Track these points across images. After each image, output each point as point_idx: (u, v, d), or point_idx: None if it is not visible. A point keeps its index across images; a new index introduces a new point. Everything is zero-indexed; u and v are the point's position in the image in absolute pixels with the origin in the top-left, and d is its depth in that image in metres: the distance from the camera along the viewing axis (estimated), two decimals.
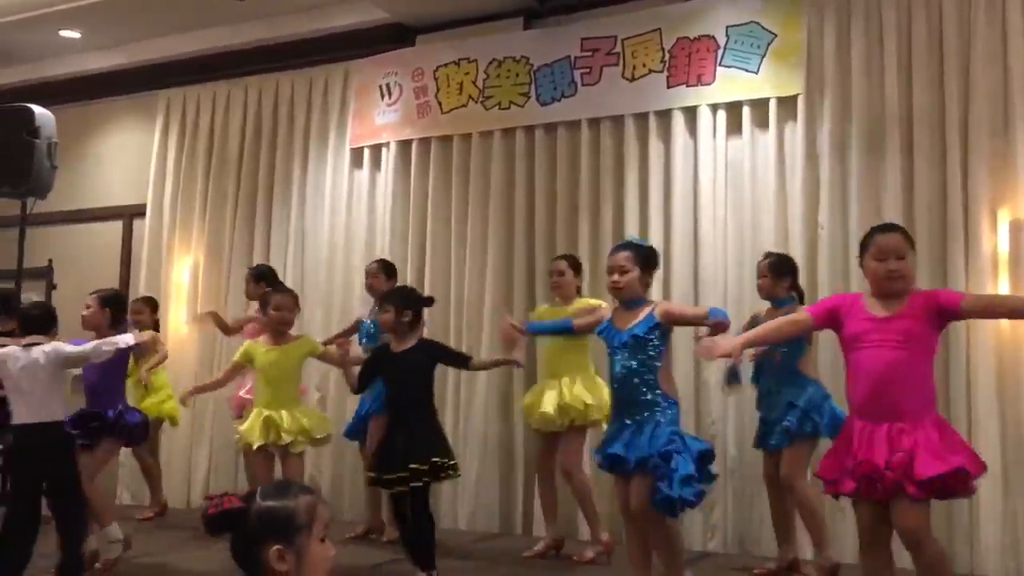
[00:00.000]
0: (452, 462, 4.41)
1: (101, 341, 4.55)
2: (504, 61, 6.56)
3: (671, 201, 5.97)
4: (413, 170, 6.83)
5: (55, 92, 8.02)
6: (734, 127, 5.86)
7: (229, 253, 7.46)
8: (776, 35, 5.75)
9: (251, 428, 4.83)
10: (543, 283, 6.22)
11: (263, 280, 6.04)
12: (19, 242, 6.78)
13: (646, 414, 3.73)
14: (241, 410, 5.69)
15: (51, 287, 8.21)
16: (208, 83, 7.75)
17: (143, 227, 7.86)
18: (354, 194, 7.07)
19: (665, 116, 6.05)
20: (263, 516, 1.84)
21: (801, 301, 4.76)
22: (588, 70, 6.28)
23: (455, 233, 6.63)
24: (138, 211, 7.95)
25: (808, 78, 5.68)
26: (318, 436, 4.96)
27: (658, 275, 5.82)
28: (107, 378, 4.90)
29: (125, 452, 7.21)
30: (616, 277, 3.91)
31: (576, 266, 5.37)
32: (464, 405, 6.34)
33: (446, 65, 6.75)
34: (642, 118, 6.13)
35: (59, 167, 6.75)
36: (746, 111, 5.82)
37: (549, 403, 5.03)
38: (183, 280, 7.60)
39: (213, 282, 7.46)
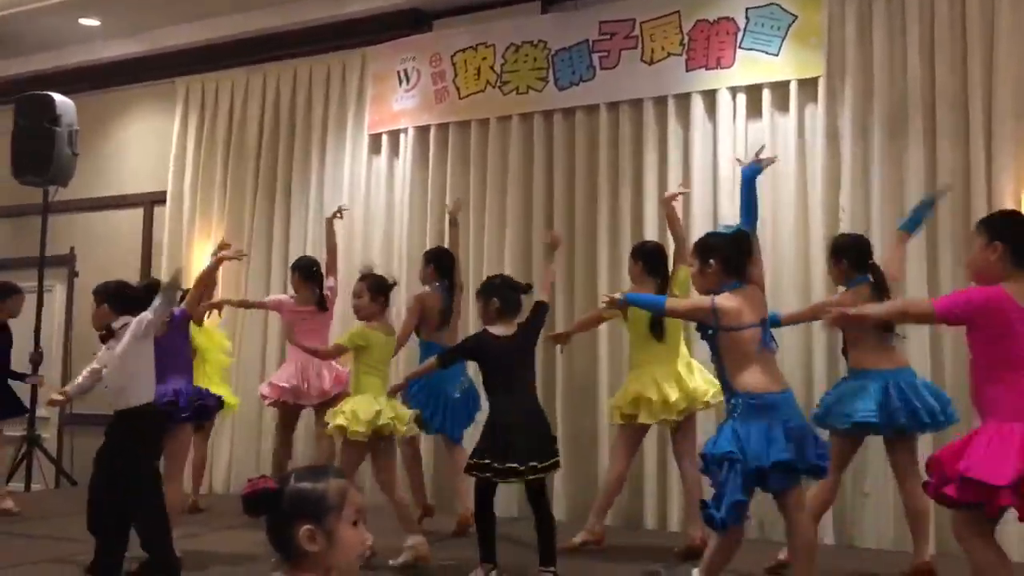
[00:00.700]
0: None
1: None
2: (522, 46, 6.53)
3: (690, 185, 5.93)
4: (431, 156, 6.82)
5: (75, 80, 8.07)
6: (754, 110, 5.81)
7: (249, 239, 7.48)
8: (797, 16, 5.69)
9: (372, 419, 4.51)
10: (562, 268, 6.22)
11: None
12: (42, 229, 6.87)
13: None
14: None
15: (73, 275, 8.28)
16: (226, 70, 7.76)
17: (163, 214, 7.90)
18: (372, 180, 7.08)
19: (684, 100, 6.01)
20: (295, 497, 1.88)
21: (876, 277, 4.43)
22: (606, 54, 6.24)
23: (473, 218, 6.62)
24: (158, 198, 7.99)
25: (829, 60, 5.62)
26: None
27: None
28: None
29: None
30: None
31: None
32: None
33: (463, 50, 6.73)
34: (661, 102, 6.09)
35: (80, 155, 6.82)
36: (766, 94, 5.77)
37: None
38: (203, 266, 7.61)
39: (233, 268, 7.46)
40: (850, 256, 4.45)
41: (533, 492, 4.23)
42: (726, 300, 3.56)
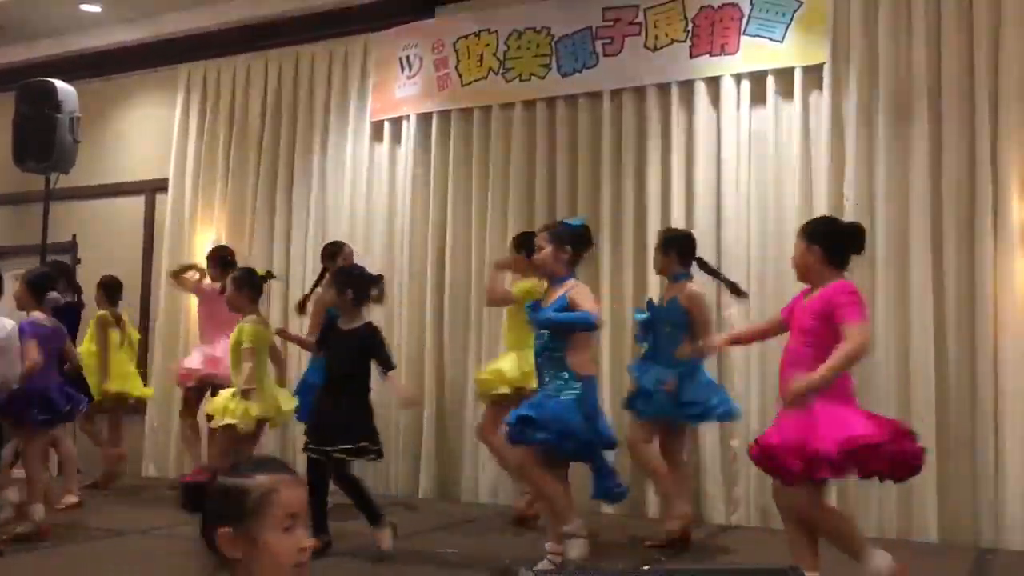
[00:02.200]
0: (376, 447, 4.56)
1: None
2: (525, 32, 6.49)
3: (694, 173, 5.90)
4: (433, 143, 6.79)
5: (77, 67, 8.03)
6: (758, 97, 5.77)
7: (251, 226, 7.47)
8: (802, 3, 5.64)
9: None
10: None
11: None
12: (43, 217, 6.83)
13: None
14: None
15: (75, 261, 8.27)
16: (228, 57, 7.73)
17: (165, 201, 7.88)
18: (374, 167, 7.05)
19: (688, 86, 5.97)
20: (217, 494, 1.66)
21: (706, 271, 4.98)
22: (610, 40, 6.20)
23: (475, 205, 6.60)
24: (160, 186, 7.97)
25: (834, 47, 5.58)
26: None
27: None
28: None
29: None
30: None
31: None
32: None
33: (466, 37, 6.69)
34: (664, 89, 6.05)
35: (81, 142, 6.78)
36: (770, 81, 5.73)
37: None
38: (205, 254, 7.61)
39: (236, 254, 7.47)
40: (679, 250, 4.82)
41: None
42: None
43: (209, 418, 5.10)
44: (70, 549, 4.78)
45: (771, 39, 5.72)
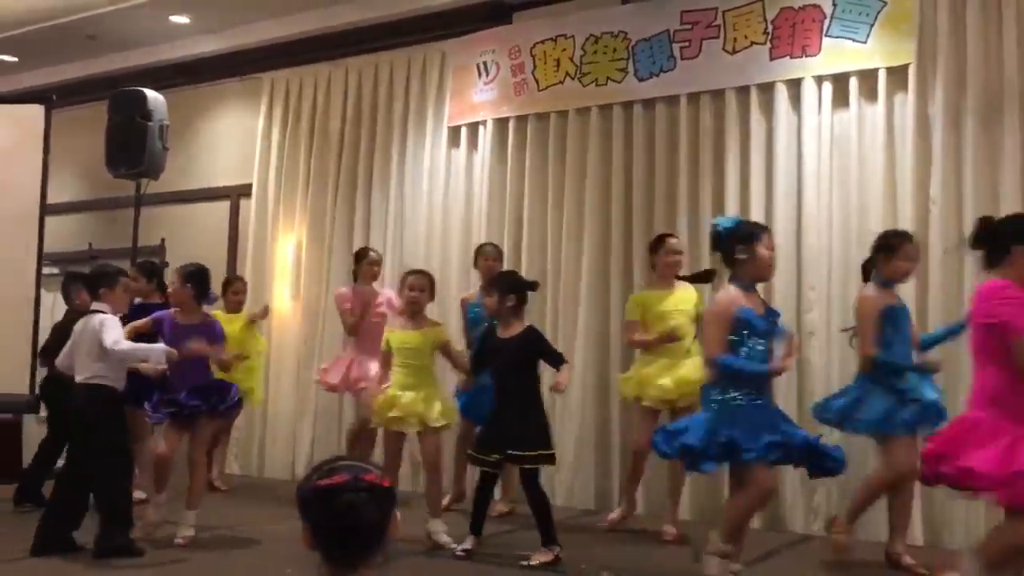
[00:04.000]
0: (549, 452, 4.53)
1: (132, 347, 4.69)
2: (601, 36, 6.48)
3: (773, 178, 5.82)
4: (510, 148, 6.83)
5: (166, 76, 8.31)
6: (840, 100, 5.66)
7: (330, 231, 7.62)
8: (886, 2, 5.52)
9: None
10: (640, 261, 6.16)
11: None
12: (134, 221, 7.07)
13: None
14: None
15: (164, 264, 8.52)
16: (310, 65, 7.90)
17: (249, 206, 8.09)
18: (451, 172, 7.12)
19: (768, 90, 5.89)
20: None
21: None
22: (688, 43, 6.16)
23: (552, 210, 6.62)
24: (244, 191, 8.18)
25: (920, 47, 5.44)
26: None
27: None
28: None
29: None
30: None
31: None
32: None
33: (543, 42, 6.72)
34: (743, 92, 5.98)
35: (170, 149, 7.01)
36: (853, 83, 5.61)
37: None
38: (287, 258, 7.80)
39: (315, 260, 7.64)
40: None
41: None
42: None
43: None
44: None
45: (854, 40, 5.61)
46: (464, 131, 7.08)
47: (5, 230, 6.43)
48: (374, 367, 5.50)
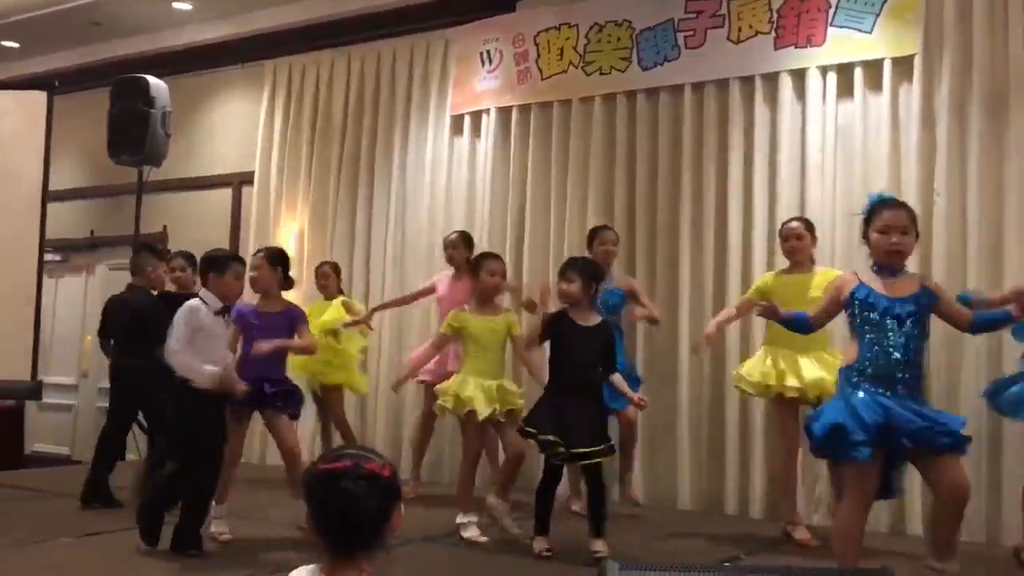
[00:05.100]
0: (611, 443, 4.43)
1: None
2: (605, 25, 6.45)
3: (777, 168, 5.80)
4: (513, 137, 6.82)
5: (168, 63, 8.28)
6: (845, 90, 5.64)
7: (332, 219, 7.61)
8: None
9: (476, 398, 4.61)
10: (643, 252, 6.16)
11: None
12: (136, 208, 7.07)
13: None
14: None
15: (167, 251, 8.53)
16: (312, 53, 7.88)
17: (251, 194, 8.08)
18: (454, 161, 7.11)
19: (772, 79, 5.87)
20: None
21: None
22: (692, 32, 6.13)
23: (554, 199, 6.60)
24: (246, 179, 8.17)
25: (926, 37, 5.41)
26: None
27: (763, 246, 5.75)
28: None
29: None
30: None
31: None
32: None
33: (547, 30, 6.69)
34: (748, 82, 5.96)
35: (172, 136, 7.00)
36: (858, 73, 5.59)
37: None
38: (289, 245, 7.77)
39: (318, 247, 7.62)
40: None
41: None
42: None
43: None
44: None
45: (859, 30, 5.58)
46: (467, 120, 7.06)
47: (7, 216, 6.41)
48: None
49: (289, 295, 4.96)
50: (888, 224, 3.41)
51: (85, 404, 9.05)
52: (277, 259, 4.72)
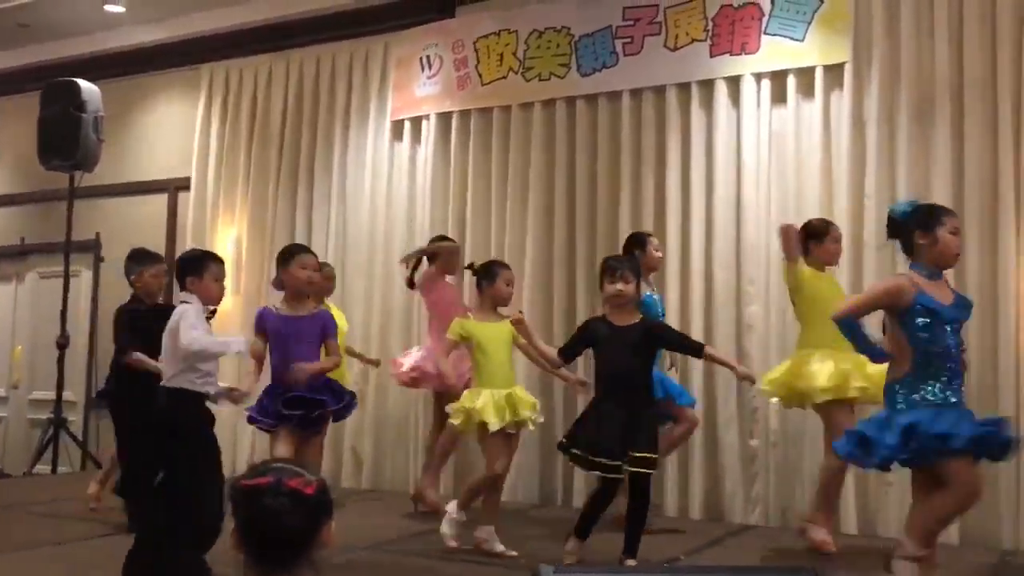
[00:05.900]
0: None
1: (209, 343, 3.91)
2: (545, 32, 6.50)
3: (713, 172, 5.90)
4: (453, 142, 6.82)
5: (100, 66, 8.13)
6: (779, 96, 5.76)
7: (272, 225, 7.52)
8: (823, 1, 5.63)
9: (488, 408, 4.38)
10: (583, 256, 6.21)
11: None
12: (67, 215, 6.93)
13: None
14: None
15: (99, 260, 8.36)
16: (250, 57, 7.79)
17: (188, 200, 7.95)
18: (395, 166, 7.09)
19: (708, 86, 5.97)
20: None
21: None
22: (630, 39, 6.21)
23: (495, 205, 6.62)
24: (183, 184, 8.04)
25: (856, 45, 5.56)
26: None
27: (700, 249, 5.84)
28: None
29: None
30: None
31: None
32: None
33: (486, 36, 6.71)
34: (684, 88, 6.05)
35: (105, 140, 6.88)
36: (791, 80, 5.72)
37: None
38: (227, 252, 7.66)
39: (256, 254, 7.54)
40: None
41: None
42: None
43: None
44: None
45: (792, 38, 5.71)
46: (407, 125, 7.05)
47: None
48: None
49: (227, 300, 4.84)
50: (957, 227, 3.50)
51: (15, 416, 8.81)
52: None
